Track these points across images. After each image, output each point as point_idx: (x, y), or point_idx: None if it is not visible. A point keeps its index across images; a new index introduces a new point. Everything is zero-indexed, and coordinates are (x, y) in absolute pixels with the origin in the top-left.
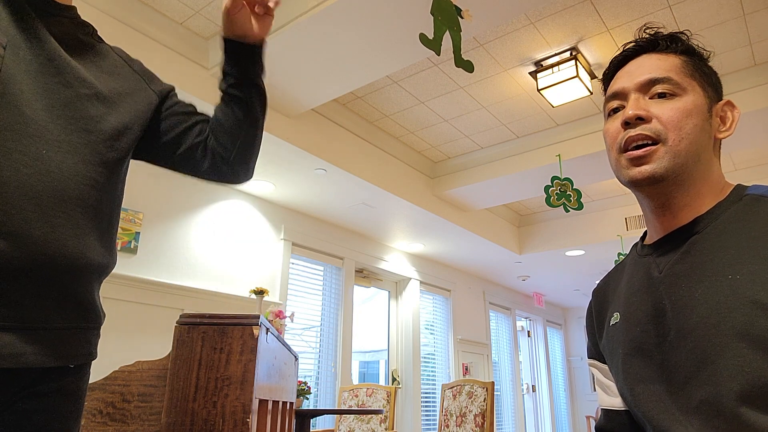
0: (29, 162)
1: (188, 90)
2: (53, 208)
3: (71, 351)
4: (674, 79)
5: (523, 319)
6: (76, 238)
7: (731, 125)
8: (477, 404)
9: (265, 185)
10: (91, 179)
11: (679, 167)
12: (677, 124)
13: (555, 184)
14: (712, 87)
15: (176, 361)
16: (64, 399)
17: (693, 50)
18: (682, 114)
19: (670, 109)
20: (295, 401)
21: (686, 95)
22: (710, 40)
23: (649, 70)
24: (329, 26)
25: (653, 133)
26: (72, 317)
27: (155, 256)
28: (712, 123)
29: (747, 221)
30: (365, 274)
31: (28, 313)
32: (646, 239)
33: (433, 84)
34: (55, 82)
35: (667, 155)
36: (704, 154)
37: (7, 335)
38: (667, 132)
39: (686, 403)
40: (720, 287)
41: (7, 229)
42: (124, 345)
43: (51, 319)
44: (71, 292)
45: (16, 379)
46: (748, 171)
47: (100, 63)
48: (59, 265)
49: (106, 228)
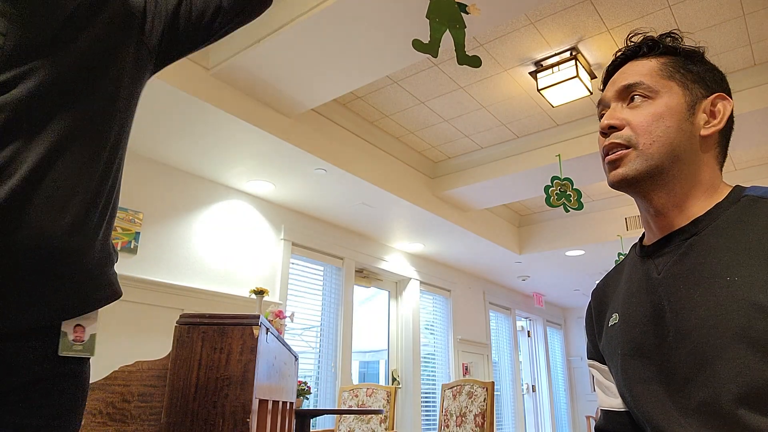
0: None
1: (188, 90)
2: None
3: (97, 294)
4: (646, 83)
5: (523, 319)
6: (64, 220)
7: (721, 119)
8: (477, 404)
9: (265, 185)
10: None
11: (652, 169)
12: (647, 128)
13: (555, 184)
14: (699, 83)
15: (176, 361)
16: (69, 381)
17: (675, 51)
18: (652, 118)
19: (641, 113)
20: (295, 401)
21: (659, 98)
22: (710, 40)
23: (625, 77)
24: (329, 26)
25: (624, 140)
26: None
27: (155, 256)
28: (695, 121)
29: (745, 223)
30: (365, 274)
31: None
32: (644, 240)
33: (433, 84)
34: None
35: (639, 158)
36: (685, 155)
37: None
38: (638, 137)
39: (685, 404)
40: (718, 289)
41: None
42: (124, 345)
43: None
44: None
45: (21, 361)
46: (748, 171)
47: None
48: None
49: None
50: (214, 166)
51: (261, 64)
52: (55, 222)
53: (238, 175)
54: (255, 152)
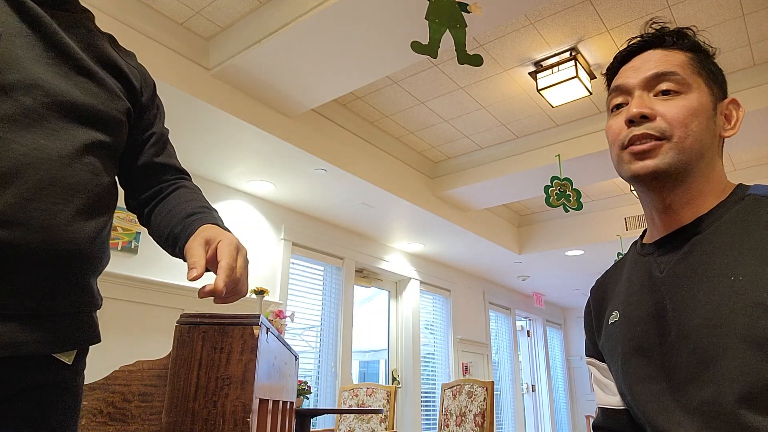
0: (28, 151)
1: (188, 90)
2: (52, 196)
3: (75, 336)
4: (681, 75)
5: (522, 318)
6: (73, 225)
7: (736, 124)
8: (477, 404)
9: (265, 185)
10: (90, 165)
11: (682, 164)
12: (683, 122)
13: (555, 184)
14: (718, 85)
15: (176, 360)
16: (59, 393)
17: (699, 47)
18: (688, 112)
19: (676, 106)
20: (296, 401)
21: (692, 93)
22: (710, 41)
23: (656, 65)
24: (329, 26)
25: (658, 132)
26: (73, 302)
27: (156, 256)
28: (716, 122)
29: (749, 222)
30: (365, 274)
31: (29, 300)
32: (645, 238)
33: (433, 84)
34: (54, 70)
35: (672, 151)
36: (708, 153)
37: (8, 324)
38: (673, 129)
39: (686, 403)
40: (722, 289)
41: (6, 217)
42: (125, 345)
43: (54, 305)
44: (71, 277)
45: (14, 371)
46: (748, 171)
47: (99, 49)
48: (59, 252)
49: (103, 213)
50: (214, 166)
51: (261, 64)
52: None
53: (238, 175)
54: (255, 152)
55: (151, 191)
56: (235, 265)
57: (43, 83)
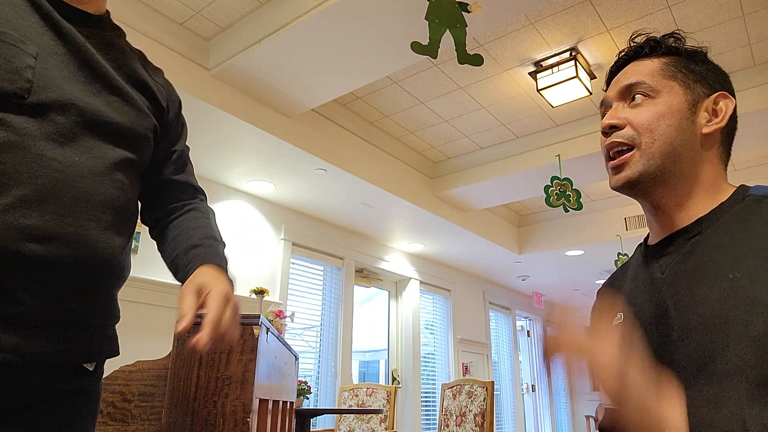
0: (63, 168)
1: (188, 90)
2: (86, 212)
3: (101, 348)
4: (647, 83)
5: (522, 318)
6: (105, 240)
7: (723, 117)
8: (477, 404)
9: (265, 185)
10: (119, 182)
11: (654, 168)
12: (648, 127)
13: (555, 184)
14: (702, 83)
15: (177, 360)
16: (83, 399)
17: (677, 51)
18: (654, 116)
19: (642, 113)
20: (295, 401)
21: (660, 97)
22: (710, 41)
23: (628, 77)
24: (329, 26)
25: (626, 139)
26: (101, 314)
27: (156, 256)
28: (696, 120)
29: (748, 221)
30: (365, 274)
31: (62, 313)
32: (649, 240)
33: (433, 84)
34: (87, 89)
35: (641, 159)
36: (686, 153)
37: (42, 335)
38: (640, 136)
39: (689, 402)
40: (721, 286)
41: (42, 233)
42: (125, 345)
43: (85, 317)
44: (100, 290)
45: (37, 378)
46: (748, 171)
47: (130, 67)
48: (91, 265)
49: (129, 228)
50: (215, 166)
51: (261, 64)
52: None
53: (238, 175)
54: (255, 152)
55: (166, 209)
56: (221, 319)
57: (77, 101)
